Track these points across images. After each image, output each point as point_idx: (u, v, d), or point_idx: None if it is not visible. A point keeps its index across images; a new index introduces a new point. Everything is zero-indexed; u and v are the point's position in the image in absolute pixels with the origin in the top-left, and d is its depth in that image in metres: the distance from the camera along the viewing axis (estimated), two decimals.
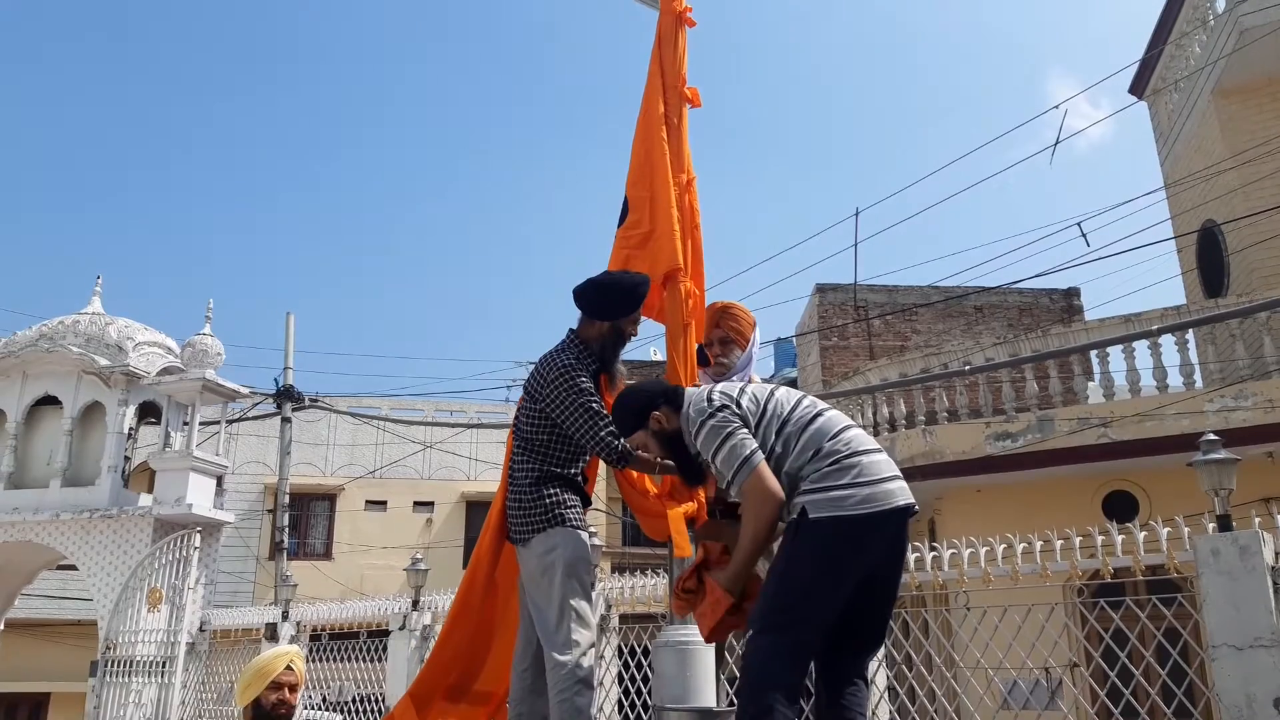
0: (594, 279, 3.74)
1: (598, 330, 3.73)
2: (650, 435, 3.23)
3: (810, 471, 2.90)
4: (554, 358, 3.65)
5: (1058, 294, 19.13)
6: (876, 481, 2.86)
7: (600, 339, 3.73)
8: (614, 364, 3.78)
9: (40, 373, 10.50)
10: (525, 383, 3.76)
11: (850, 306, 19.01)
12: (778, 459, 2.97)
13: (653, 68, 4.32)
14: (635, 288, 3.72)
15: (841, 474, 2.86)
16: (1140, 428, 9.94)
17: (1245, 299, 10.59)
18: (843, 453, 2.90)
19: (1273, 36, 11.04)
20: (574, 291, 3.73)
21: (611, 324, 3.72)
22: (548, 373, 3.60)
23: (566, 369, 3.57)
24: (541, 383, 3.61)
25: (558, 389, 3.54)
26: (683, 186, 4.15)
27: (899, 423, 11.99)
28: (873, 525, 2.81)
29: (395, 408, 22.68)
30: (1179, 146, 13.89)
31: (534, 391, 3.65)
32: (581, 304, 3.73)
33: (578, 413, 3.50)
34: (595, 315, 3.72)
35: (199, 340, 10.29)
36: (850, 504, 2.80)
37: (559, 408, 3.54)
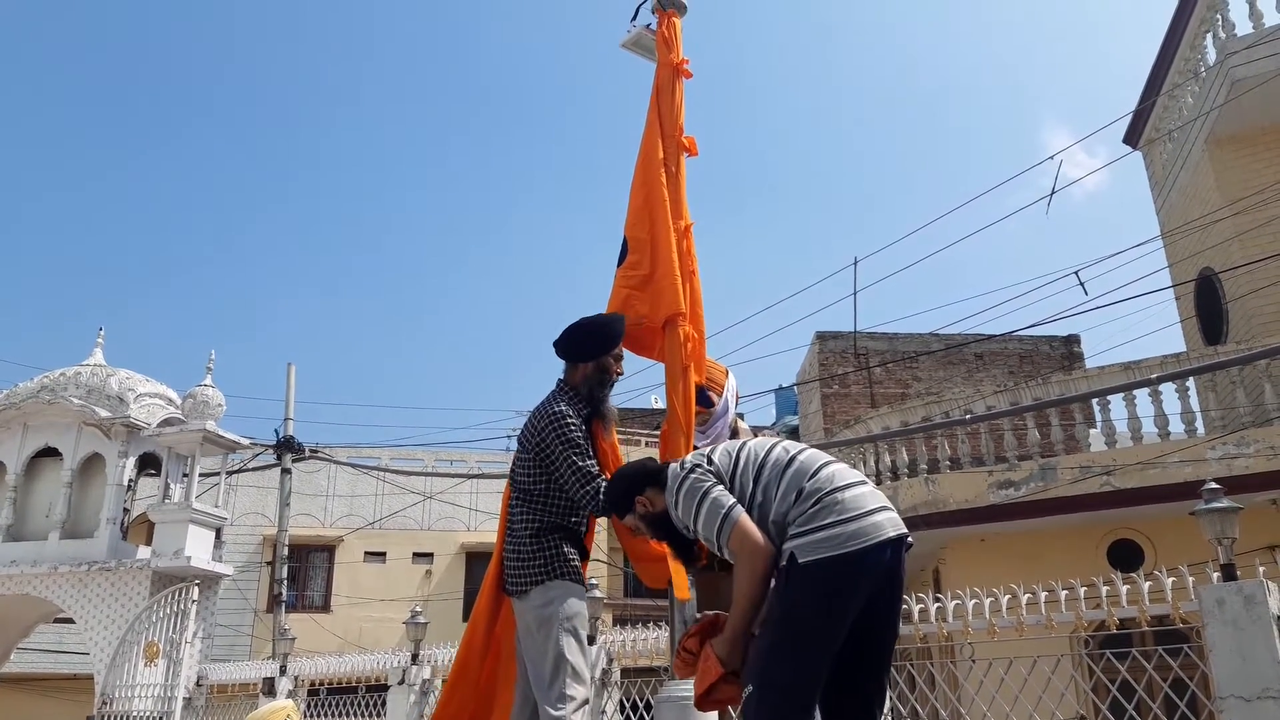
0: (569, 326, 3.82)
1: (582, 372, 3.79)
2: (639, 519, 3.17)
3: (795, 515, 2.82)
4: (545, 407, 3.69)
5: (1058, 341, 19.18)
6: (862, 515, 2.78)
7: (586, 380, 3.79)
8: (604, 404, 3.82)
9: (41, 424, 10.50)
10: (519, 434, 3.79)
11: (851, 354, 19.04)
12: (760, 508, 2.90)
13: (651, 117, 4.39)
14: (609, 324, 3.83)
15: (825, 513, 2.78)
16: (1143, 475, 9.91)
17: (1244, 346, 10.61)
18: (824, 490, 2.82)
19: (1264, 87, 11.19)
20: (554, 344, 3.81)
21: (595, 363, 3.78)
22: (540, 423, 3.64)
23: (558, 417, 3.60)
24: (535, 433, 3.65)
25: (551, 439, 3.58)
26: (680, 232, 4.20)
27: (901, 471, 11.95)
28: (863, 561, 2.74)
29: (395, 457, 22.61)
30: (1174, 195, 14.00)
31: (528, 443, 3.68)
32: (562, 352, 3.82)
33: (567, 470, 3.52)
34: (577, 358, 3.80)
35: (200, 391, 10.31)
36: (838, 543, 2.73)
37: (553, 459, 3.55)
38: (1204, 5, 12.15)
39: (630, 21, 4.67)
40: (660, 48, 4.47)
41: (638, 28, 4.62)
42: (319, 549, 22.72)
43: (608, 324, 3.83)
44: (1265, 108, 11.61)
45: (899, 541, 2.83)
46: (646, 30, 4.57)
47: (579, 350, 3.78)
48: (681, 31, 4.52)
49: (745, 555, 2.83)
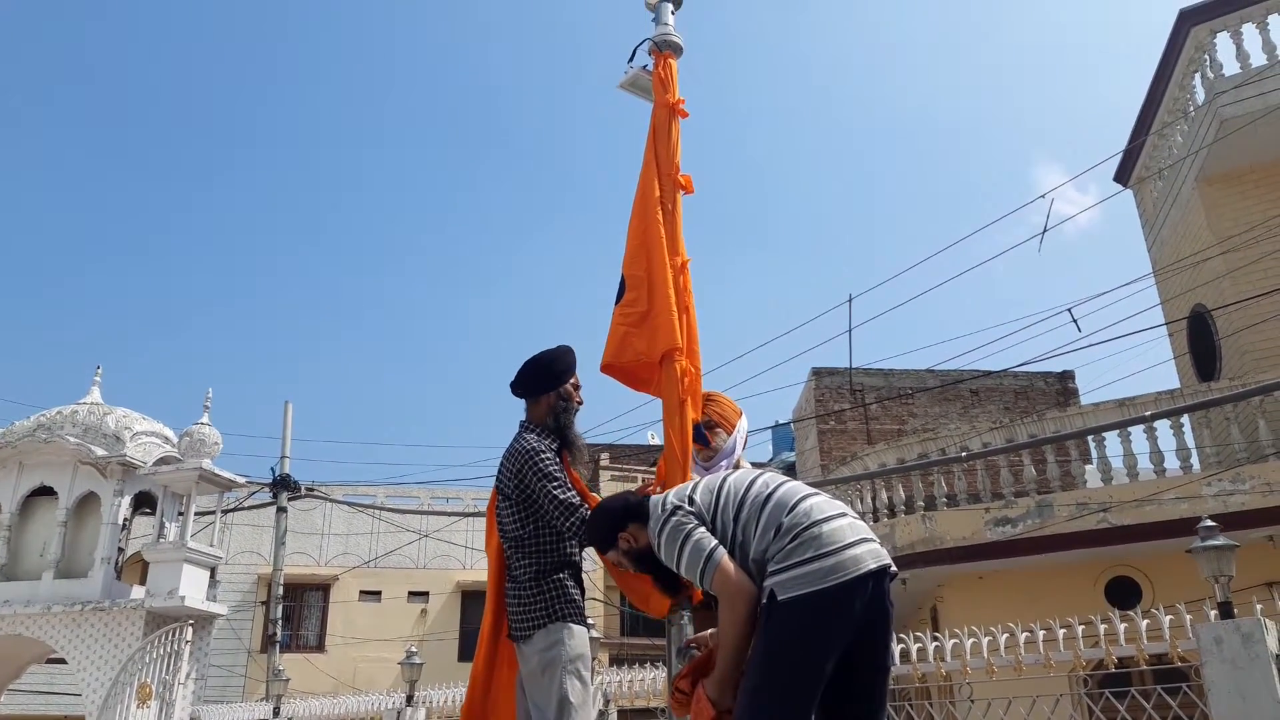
0: (522, 365, 3.86)
1: (545, 405, 3.81)
2: (622, 555, 3.16)
3: (774, 551, 2.79)
4: (516, 445, 3.70)
5: (1052, 377, 19.22)
6: (841, 549, 2.74)
7: (550, 410, 3.80)
8: (570, 431, 3.82)
9: (36, 463, 10.48)
10: (497, 482, 3.74)
11: (847, 390, 19.07)
12: (741, 547, 2.87)
13: (647, 155, 4.45)
14: (562, 354, 3.88)
15: (804, 548, 2.74)
16: (1139, 512, 9.92)
17: (1238, 382, 10.66)
18: (801, 525, 2.78)
19: (1252, 126, 11.32)
20: (511, 385, 3.85)
21: (554, 393, 3.82)
22: (514, 463, 3.63)
23: (531, 453, 3.61)
24: (512, 475, 3.63)
25: (529, 476, 3.57)
26: (677, 268, 4.23)
27: (898, 508, 11.94)
28: (844, 596, 2.70)
29: (391, 495, 22.54)
30: (1165, 233, 14.12)
31: (507, 488, 3.65)
32: (521, 390, 3.85)
33: (549, 503, 3.53)
34: (536, 393, 3.82)
35: (197, 430, 10.30)
36: (817, 578, 2.69)
37: (534, 495, 3.55)
38: (1192, 46, 12.32)
39: (627, 63, 4.72)
40: (656, 88, 4.53)
41: (634, 69, 4.67)
42: (314, 588, 22.58)
43: (560, 354, 3.88)
44: (1254, 147, 11.74)
45: (881, 574, 2.79)
46: (643, 71, 4.63)
47: (537, 384, 3.81)
48: (677, 72, 4.58)
49: (727, 598, 2.81)
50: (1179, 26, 12.46)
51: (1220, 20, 12.05)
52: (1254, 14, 11.80)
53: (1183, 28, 12.39)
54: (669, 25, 4.62)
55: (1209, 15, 12.13)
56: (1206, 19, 12.13)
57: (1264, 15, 11.75)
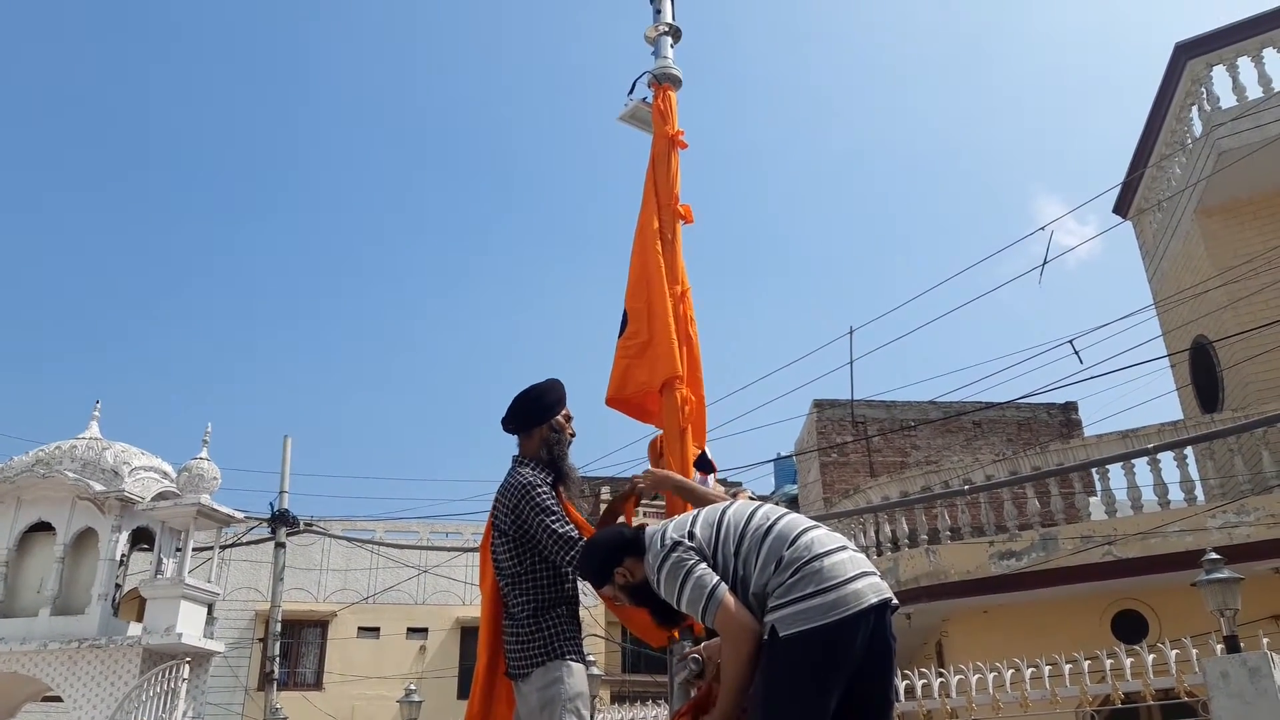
0: (512, 401, 3.82)
1: (537, 439, 3.76)
2: (618, 590, 3.11)
3: (775, 586, 2.76)
4: (511, 480, 3.65)
5: (1055, 408, 19.17)
6: (841, 584, 2.71)
7: (544, 443, 3.75)
8: (564, 463, 3.77)
9: (35, 498, 10.42)
10: (491, 518, 3.69)
11: (848, 423, 19.02)
12: (742, 581, 2.84)
13: (647, 187, 4.47)
14: (552, 387, 3.83)
15: (805, 583, 2.71)
16: (1145, 545, 9.85)
17: (1241, 414, 10.62)
18: (802, 559, 2.75)
19: (1250, 158, 11.36)
20: (503, 422, 3.80)
21: (547, 425, 3.76)
22: (510, 498, 3.58)
23: (527, 487, 3.56)
24: (508, 511, 3.57)
25: (525, 510, 3.52)
26: (677, 297, 4.23)
27: (902, 542, 11.86)
28: (845, 632, 2.67)
29: (390, 530, 22.40)
30: (1165, 264, 14.13)
31: (503, 523, 3.59)
32: (513, 425, 3.80)
33: (547, 537, 3.47)
34: (528, 427, 3.77)
35: (195, 465, 10.26)
36: (818, 614, 2.66)
37: (531, 530, 3.51)
38: (1188, 79, 12.40)
39: (627, 96, 4.75)
40: (656, 120, 4.56)
41: (634, 101, 4.70)
42: (312, 624, 22.39)
43: (550, 386, 3.84)
44: (1252, 178, 11.79)
45: (883, 608, 2.76)
46: (643, 104, 4.65)
47: (528, 418, 3.77)
48: (677, 104, 4.60)
49: (730, 636, 2.78)
50: (1175, 60, 12.54)
51: (1216, 54, 12.14)
52: (1249, 47, 11.89)
53: (1179, 61, 12.47)
54: (668, 59, 4.65)
55: (1205, 49, 12.22)
56: (1202, 52, 12.22)
57: (1259, 49, 11.84)
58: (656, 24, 4.73)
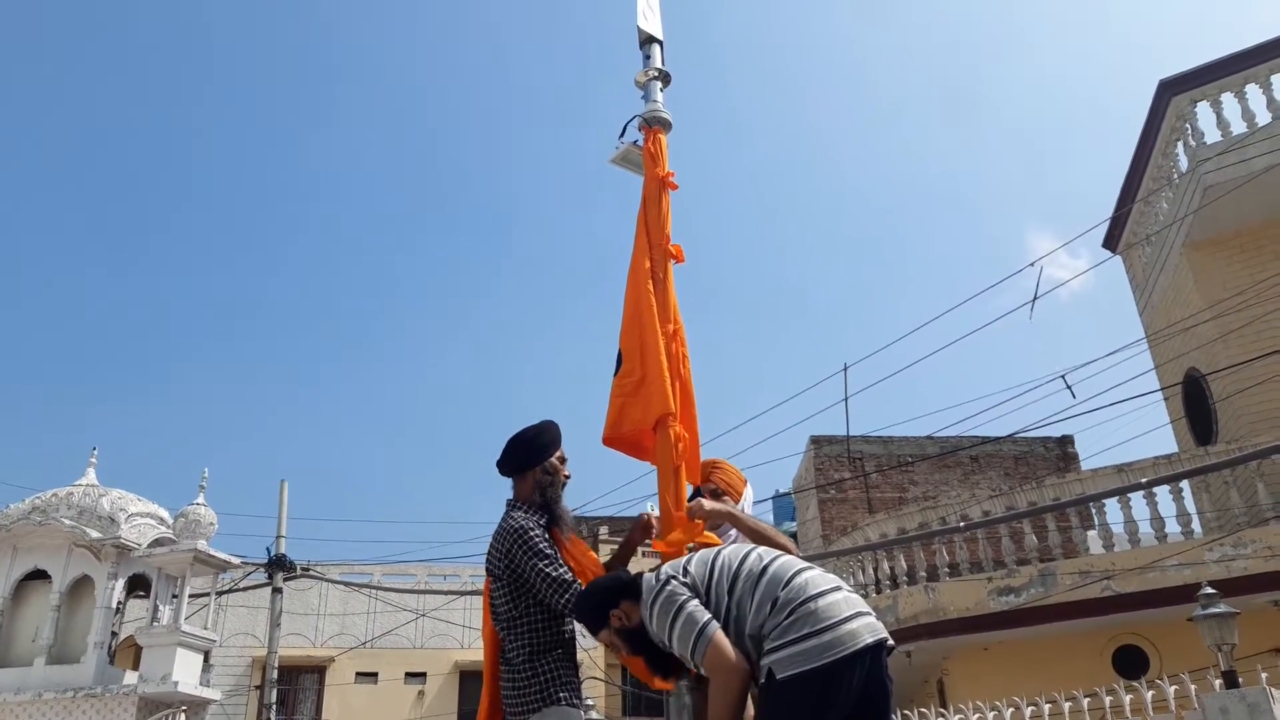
0: (506, 443, 3.83)
1: (531, 481, 3.76)
2: (614, 634, 3.10)
3: (771, 628, 2.75)
4: (504, 525, 3.65)
5: (1052, 442, 19.20)
6: (836, 624, 2.71)
7: (537, 486, 3.75)
8: (558, 506, 3.77)
9: (31, 546, 10.38)
10: (486, 564, 3.69)
11: (845, 459, 19.02)
12: (736, 622, 2.84)
13: (639, 228, 4.52)
14: (546, 429, 3.84)
15: (800, 624, 2.70)
16: (1143, 579, 9.84)
17: (1235, 445, 10.65)
18: (796, 600, 2.75)
19: (1236, 192, 11.48)
20: (497, 464, 3.81)
21: (540, 468, 3.77)
22: (503, 542, 3.58)
23: (519, 531, 3.55)
24: (501, 555, 3.57)
25: (518, 554, 3.51)
26: (669, 335, 4.26)
27: (900, 579, 11.83)
28: (841, 673, 2.66)
29: (388, 573, 22.26)
30: (1156, 297, 14.22)
31: (496, 568, 3.59)
32: (507, 467, 3.80)
33: (541, 581, 3.47)
34: (522, 469, 3.78)
35: (192, 510, 10.24)
36: (813, 655, 2.66)
37: (525, 574, 3.51)
38: (1173, 115, 12.55)
39: (618, 138, 4.82)
40: (647, 162, 4.62)
41: (625, 144, 4.77)
42: (309, 670, 22.17)
43: (544, 428, 3.85)
44: (1239, 212, 11.90)
45: (879, 648, 2.75)
46: (634, 146, 4.72)
47: (522, 460, 3.77)
48: (667, 146, 4.68)
49: (719, 675, 2.76)
50: (1160, 96, 12.71)
51: (1200, 90, 12.29)
52: (1232, 84, 12.06)
53: (1163, 98, 12.63)
54: (658, 102, 4.73)
55: (1188, 85, 12.38)
56: (1186, 89, 12.37)
57: (1241, 85, 12.00)
58: (646, 69, 4.81)
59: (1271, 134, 11.38)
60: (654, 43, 4.89)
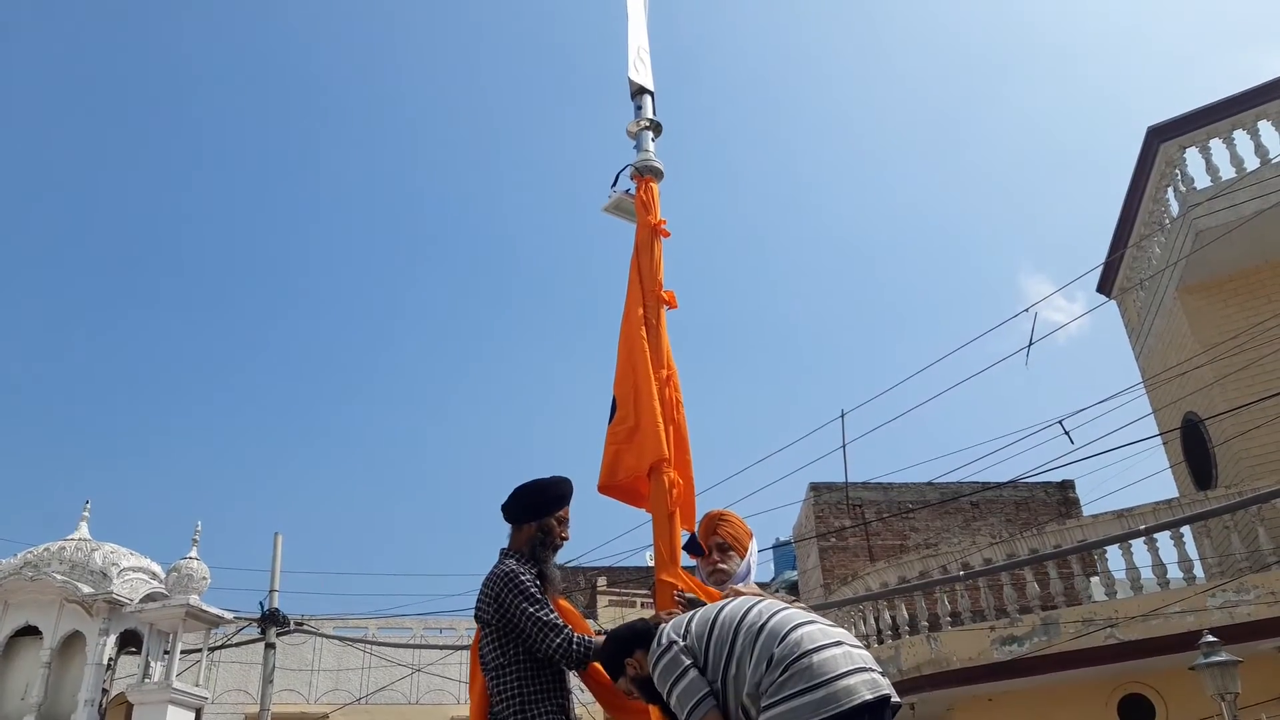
0: (514, 489, 3.81)
1: (526, 534, 3.74)
2: (630, 682, 3.13)
3: (767, 685, 2.72)
4: (494, 570, 3.62)
5: (1052, 487, 19.12)
6: (832, 679, 2.66)
7: (530, 540, 3.72)
8: (548, 564, 3.72)
9: (22, 602, 10.27)
10: (475, 613, 3.64)
11: (845, 506, 18.92)
12: (735, 680, 2.82)
13: (632, 275, 4.56)
14: (554, 485, 3.81)
15: (793, 681, 2.67)
16: (1146, 627, 9.74)
17: (1234, 490, 10.61)
18: (791, 656, 2.72)
19: (1227, 237, 11.55)
20: (501, 508, 3.79)
21: (538, 523, 3.74)
22: (493, 587, 3.54)
23: (509, 574, 3.52)
24: (490, 600, 3.53)
25: (508, 598, 3.47)
26: (663, 381, 4.27)
27: (902, 629, 11.71)
28: None
29: (383, 627, 22.00)
30: (1151, 341, 14.25)
31: (486, 614, 3.55)
32: (508, 515, 3.78)
33: (530, 624, 3.43)
34: (521, 520, 3.75)
35: (184, 565, 10.16)
36: (808, 711, 2.61)
37: (514, 618, 3.46)
38: (1162, 161, 12.66)
39: (611, 187, 4.87)
40: (639, 211, 4.67)
41: (618, 193, 4.82)
42: None
43: (552, 484, 3.82)
44: (1231, 256, 11.96)
45: (880, 705, 2.69)
46: (626, 195, 4.77)
47: (523, 511, 3.76)
48: (659, 195, 4.72)
49: None
50: (1149, 143, 12.83)
51: (1188, 136, 12.42)
52: (1220, 130, 12.18)
53: (1152, 144, 12.76)
54: (649, 152, 4.80)
55: (1177, 132, 12.51)
56: (1174, 135, 12.50)
57: (1229, 130, 12.13)
58: (638, 119, 4.89)
59: (1261, 179, 11.48)
60: (645, 93, 4.97)
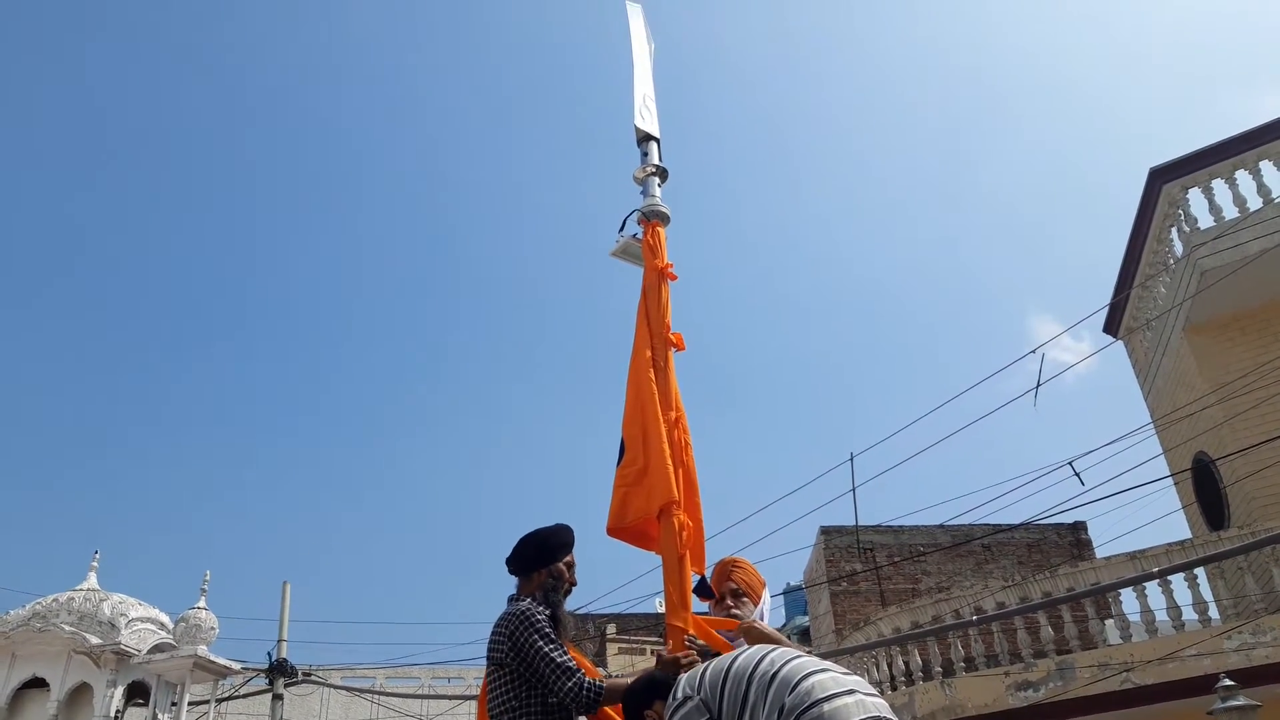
0: (519, 541, 3.82)
1: (537, 581, 3.74)
2: None
3: None
4: (508, 611, 3.60)
5: (1065, 528, 18.98)
6: None
7: (541, 587, 3.72)
8: (558, 610, 3.72)
9: (30, 654, 10.22)
10: (488, 651, 3.62)
11: (855, 550, 18.78)
12: None
13: (640, 318, 4.58)
14: (559, 531, 3.83)
15: None
16: (1162, 670, 9.61)
17: (1247, 531, 10.51)
18: (803, 705, 2.70)
19: (1232, 277, 11.55)
20: (506, 561, 3.79)
21: (547, 570, 3.75)
22: (507, 627, 3.52)
23: (524, 614, 3.51)
24: (505, 639, 3.51)
25: (522, 637, 3.46)
26: (671, 423, 4.27)
27: (916, 675, 11.57)
28: None
29: (391, 677, 21.80)
30: (1160, 382, 14.20)
31: (498, 655, 3.53)
32: (515, 565, 3.78)
33: (545, 665, 3.41)
34: (532, 567, 3.76)
35: (193, 615, 10.11)
36: None
37: (529, 658, 3.44)
38: (1165, 202, 12.69)
39: (618, 232, 4.92)
40: (646, 255, 4.71)
41: (625, 237, 4.86)
42: None
43: (556, 531, 3.84)
44: (1236, 295, 11.94)
45: None
46: (633, 239, 4.82)
47: (530, 561, 3.76)
48: (666, 239, 4.77)
49: None
50: (1151, 184, 12.88)
51: (1190, 177, 12.44)
52: (1221, 170, 12.22)
53: (1154, 186, 12.80)
54: (656, 197, 4.85)
55: (1179, 173, 12.54)
56: (1177, 176, 12.54)
57: (1231, 171, 12.17)
58: (644, 165, 4.94)
59: (1264, 218, 11.51)
60: (651, 140, 5.04)
